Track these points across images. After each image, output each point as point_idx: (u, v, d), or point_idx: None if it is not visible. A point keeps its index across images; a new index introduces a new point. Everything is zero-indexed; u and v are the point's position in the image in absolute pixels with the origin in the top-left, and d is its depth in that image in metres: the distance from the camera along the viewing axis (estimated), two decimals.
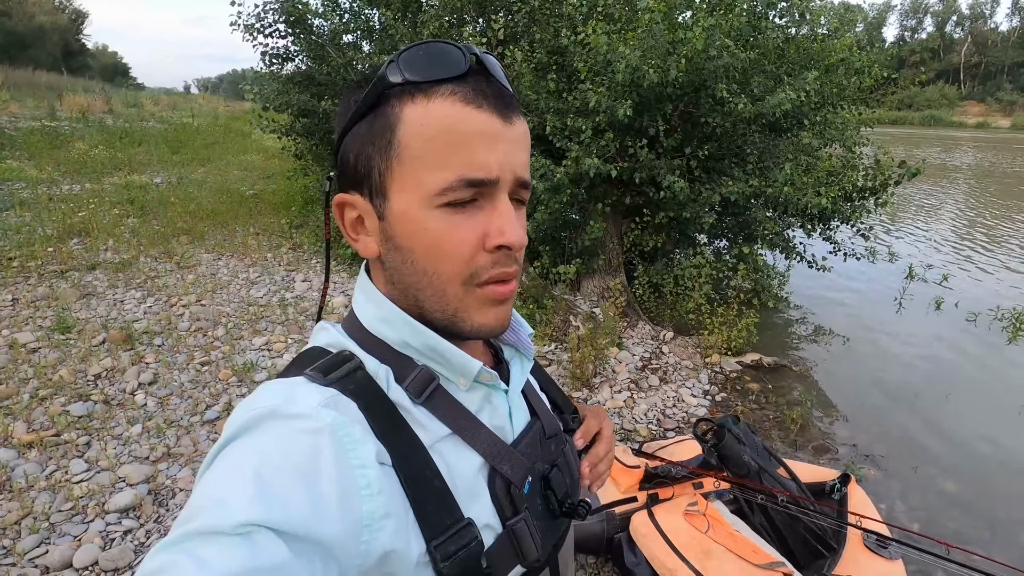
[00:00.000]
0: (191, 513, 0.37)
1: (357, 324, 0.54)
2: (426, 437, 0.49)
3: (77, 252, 5.05)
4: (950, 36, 68.35)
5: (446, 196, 0.46)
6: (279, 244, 5.85)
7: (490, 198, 0.48)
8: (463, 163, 0.46)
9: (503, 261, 0.49)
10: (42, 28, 36.30)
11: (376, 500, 0.42)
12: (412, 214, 0.48)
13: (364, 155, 0.49)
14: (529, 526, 0.52)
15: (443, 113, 0.46)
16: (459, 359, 0.52)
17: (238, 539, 0.35)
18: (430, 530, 0.45)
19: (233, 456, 0.41)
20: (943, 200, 11.98)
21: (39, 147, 9.75)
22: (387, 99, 0.48)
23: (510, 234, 0.48)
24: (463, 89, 0.47)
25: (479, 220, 0.48)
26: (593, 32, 3.72)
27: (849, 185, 4.44)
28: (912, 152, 20.35)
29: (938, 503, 2.71)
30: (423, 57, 0.47)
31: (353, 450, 0.43)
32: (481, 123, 0.47)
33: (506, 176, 0.48)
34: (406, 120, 0.47)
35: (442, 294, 0.49)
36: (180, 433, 2.73)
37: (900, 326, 4.98)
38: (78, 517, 2.18)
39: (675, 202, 4.03)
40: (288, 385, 0.47)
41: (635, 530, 1.97)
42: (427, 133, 0.46)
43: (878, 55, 5.46)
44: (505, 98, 0.49)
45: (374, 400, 0.47)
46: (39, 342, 3.45)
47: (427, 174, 0.46)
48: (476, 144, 0.46)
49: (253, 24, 5.71)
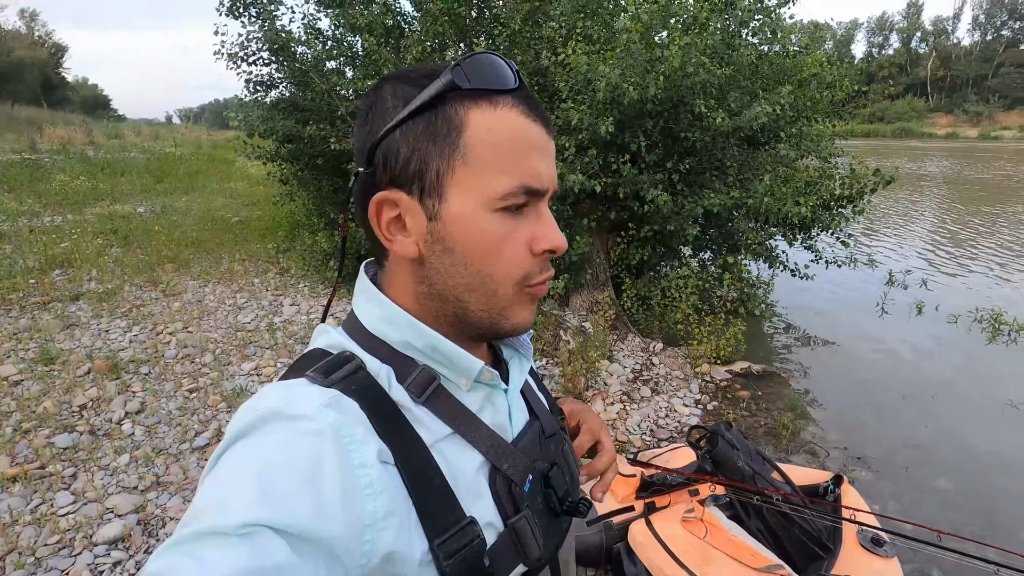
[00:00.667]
0: (194, 514, 0.37)
1: (358, 325, 0.54)
2: (427, 436, 0.49)
3: (60, 283, 4.98)
4: (916, 51, 70.85)
5: (506, 201, 0.49)
6: (266, 269, 5.83)
7: (535, 206, 0.51)
8: (524, 171, 0.49)
9: (547, 265, 0.53)
10: (21, 62, 36.24)
11: (378, 500, 0.43)
12: (471, 216, 0.49)
13: (421, 153, 0.49)
14: (531, 524, 0.52)
15: (509, 122, 0.49)
16: (461, 359, 0.52)
17: (240, 539, 0.35)
18: (433, 529, 0.46)
19: (236, 458, 0.41)
20: (919, 208, 12.30)
21: (19, 180, 9.67)
22: (449, 101, 0.49)
23: (556, 239, 0.51)
24: (521, 102, 0.50)
25: (527, 226, 0.51)
26: (573, 53, 3.81)
27: (827, 194, 4.56)
28: (885, 162, 20.90)
29: (931, 501, 2.75)
30: (488, 67, 0.49)
31: (355, 450, 0.43)
32: (537, 135, 0.50)
33: (552, 187, 0.52)
34: (473, 124, 0.48)
35: (493, 294, 0.51)
36: (169, 461, 2.68)
37: (884, 331, 5.07)
38: (65, 551, 2.12)
39: (659, 215, 4.10)
40: (290, 387, 0.47)
41: (634, 539, 1.97)
42: (495, 139, 0.48)
43: (848, 70, 5.66)
44: (546, 115, 0.53)
45: (376, 400, 0.48)
46: (21, 374, 3.38)
47: (492, 178, 0.48)
48: (534, 155, 0.50)
49: (237, 53, 5.77)
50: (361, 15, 5.28)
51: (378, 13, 5.36)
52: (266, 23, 5.47)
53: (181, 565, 0.34)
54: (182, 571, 0.34)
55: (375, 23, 5.32)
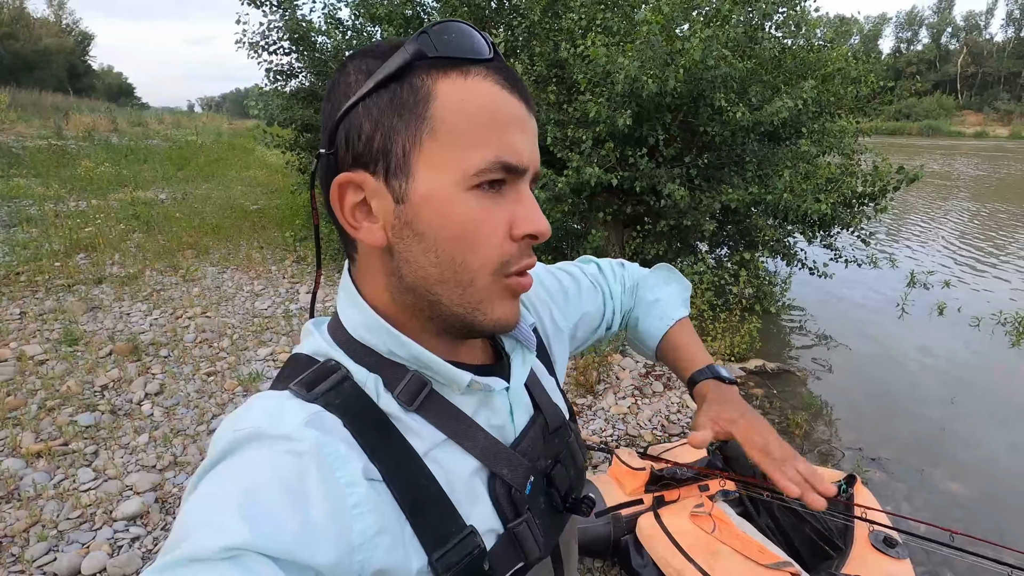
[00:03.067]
0: (177, 538, 0.36)
1: (342, 330, 0.51)
2: (420, 445, 0.47)
3: (84, 266, 5.10)
4: (946, 47, 69.03)
5: (482, 176, 0.44)
6: (283, 257, 5.89)
7: (515, 186, 0.46)
8: (502, 144, 0.44)
9: (528, 252, 0.48)
10: (48, 50, 36.91)
11: (367, 519, 0.41)
12: (442, 195, 0.44)
13: (385, 128, 0.44)
14: (531, 527, 0.51)
15: (483, 91, 0.45)
16: (446, 371, 0.49)
17: (225, 564, 0.34)
18: (431, 542, 0.44)
19: (218, 479, 0.40)
20: (943, 208, 12.02)
21: (46, 165, 9.88)
22: (414, 71, 0.44)
23: (539, 222, 0.46)
24: (497, 73, 0.46)
25: (506, 207, 0.46)
26: (592, 45, 3.79)
27: (848, 191, 4.48)
28: (911, 160, 20.47)
29: (944, 504, 2.71)
30: (458, 35, 0.45)
31: (339, 469, 0.41)
32: (514, 107, 0.46)
33: (532, 165, 0.47)
34: (443, 94, 0.44)
35: (468, 284, 0.46)
36: (187, 442, 2.74)
37: (903, 331, 4.98)
38: (86, 525, 2.18)
39: (676, 210, 4.07)
40: (272, 401, 0.45)
41: (641, 532, 1.97)
42: (468, 109, 0.44)
43: (874, 65, 5.54)
44: (525, 89, 0.48)
45: (362, 413, 0.45)
46: (46, 354, 3.47)
47: (465, 152, 0.44)
48: (513, 128, 0.45)
49: (258, 42, 5.83)
50: (381, 5, 5.30)
51: (398, 3, 5.38)
52: (287, 12, 5.51)
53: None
54: None
55: (395, 13, 5.33)
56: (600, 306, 0.79)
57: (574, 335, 0.76)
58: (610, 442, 2.97)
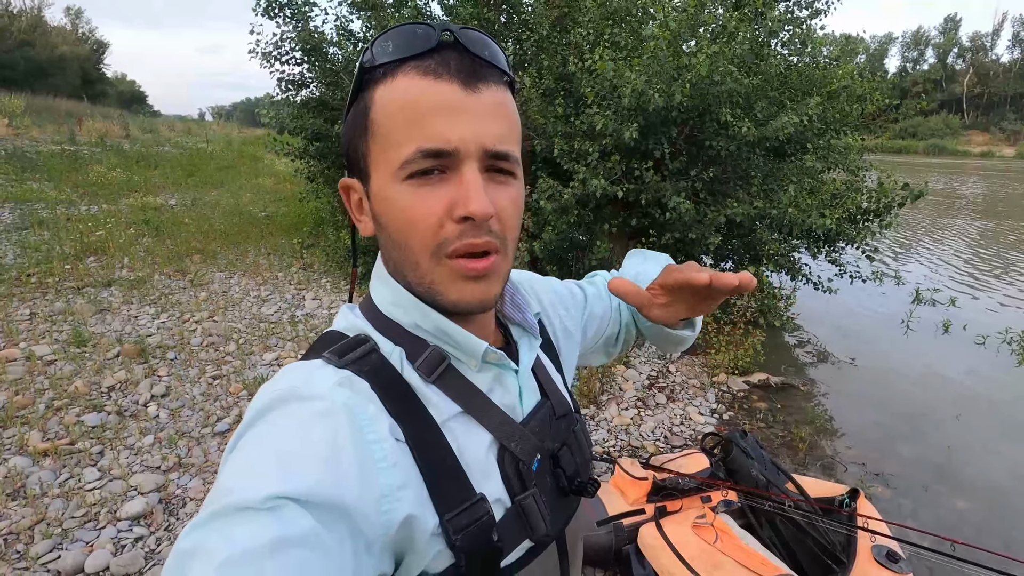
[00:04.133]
0: (219, 493, 0.38)
1: (373, 307, 0.56)
2: (438, 415, 0.50)
3: (93, 269, 5.15)
4: (952, 67, 69.19)
5: (407, 168, 0.47)
6: (290, 264, 5.94)
7: (456, 170, 0.48)
8: (421, 135, 0.46)
9: (469, 232, 0.48)
10: (63, 57, 37.51)
11: (392, 472, 0.44)
12: (384, 191, 0.49)
13: (352, 140, 0.52)
14: (537, 502, 0.53)
15: (403, 88, 0.47)
16: (465, 340, 0.53)
17: (265, 513, 0.36)
18: (443, 504, 0.47)
19: (256, 437, 0.43)
20: (949, 225, 12.01)
21: (59, 170, 10.01)
22: (366, 85, 0.50)
23: (474, 203, 0.46)
24: (424, 63, 0.47)
25: (445, 191, 0.48)
26: (600, 59, 3.84)
27: (853, 207, 4.49)
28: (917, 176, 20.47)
29: (949, 520, 2.69)
30: (391, 39, 0.49)
31: (368, 425, 0.45)
32: (440, 94, 0.47)
33: (469, 147, 0.47)
34: (376, 101, 0.49)
35: (415, 266, 0.50)
36: (191, 444, 2.76)
37: (908, 348, 4.97)
38: (90, 524, 2.20)
39: (681, 223, 4.09)
40: (306, 367, 0.49)
41: (643, 542, 1.97)
42: (390, 109, 0.48)
43: (879, 83, 5.58)
44: (474, 68, 0.48)
45: (388, 380, 0.49)
46: (55, 355, 3.51)
47: (391, 150, 0.48)
48: (435, 115, 0.46)
49: (271, 52, 5.92)
50: (393, 18, 5.38)
51: (409, 16, 5.46)
52: (300, 24, 5.60)
53: (210, 541, 0.35)
54: (212, 547, 0.35)
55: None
56: (607, 308, 0.83)
57: (585, 335, 0.79)
58: (612, 452, 2.97)
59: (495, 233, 0.49)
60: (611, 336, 0.83)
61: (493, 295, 0.52)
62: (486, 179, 0.49)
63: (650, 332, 0.81)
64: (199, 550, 0.35)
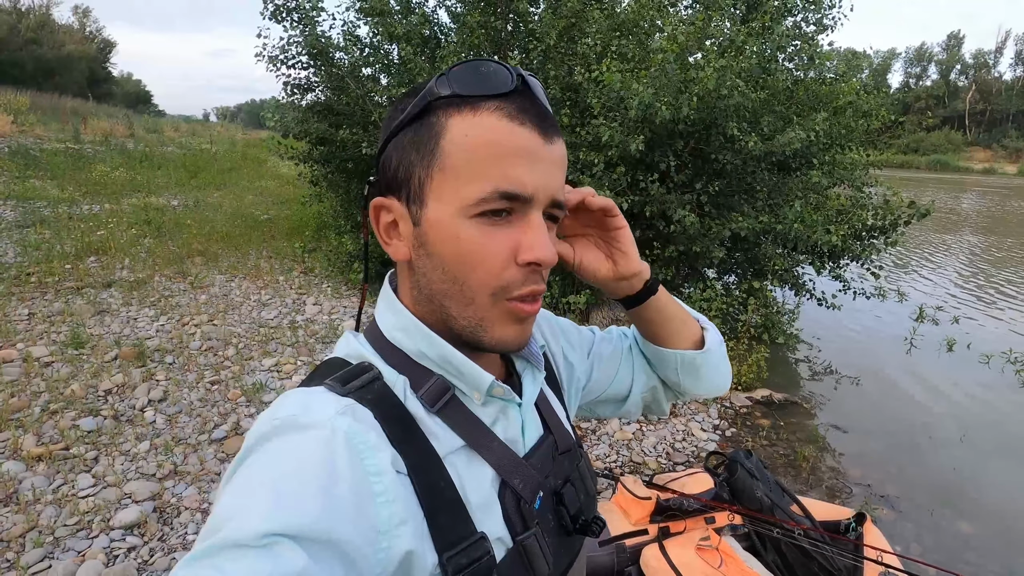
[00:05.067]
0: (214, 526, 0.38)
1: (378, 333, 0.55)
2: (440, 448, 0.49)
3: (94, 270, 5.13)
4: (955, 84, 69.51)
5: (481, 206, 0.47)
6: (291, 268, 5.92)
7: (523, 214, 0.49)
8: (501, 176, 0.47)
9: (533, 278, 0.50)
10: (70, 56, 37.68)
11: (392, 507, 0.43)
12: (447, 222, 0.48)
13: (406, 161, 0.50)
14: (540, 542, 0.51)
15: (488, 126, 0.47)
16: (472, 372, 0.52)
17: (259, 551, 0.36)
18: (442, 541, 0.45)
19: (252, 468, 0.42)
20: (952, 242, 12.00)
21: (62, 168, 10.02)
22: (433, 110, 0.49)
23: (540, 250, 0.48)
24: (508, 105, 0.48)
25: (511, 235, 0.49)
26: (607, 70, 3.83)
27: (859, 223, 4.48)
28: (920, 194, 20.54)
29: (954, 545, 2.64)
30: (472, 73, 0.48)
31: (369, 457, 0.43)
32: (523, 139, 0.48)
33: (540, 195, 0.49)
34: (451, 130, 0.48)
35: (469, 303, 0.50)
36: (188, 451, 2.72)
37: (912, 367, 4.93)
38: (83, 532, 2.16)
39: (685, 236, 4.07)
40: (307, 395, 0.48)
41: (646, 564, 1.93)
42: (470, 144, 0.47)
43: (884, 99, 5.58)
44: (547, 118, 0.50)
45: (390, 409, 0.48)
46: (52, 356, 3.48)
47: (466, 184, 0.47)
48: (516, 159, 0.47)
49: (277, 56, 5.92)
50: (400, 24, 5.39)
51: (416, 23, 5.47)
52: (307, 28, 5.61)
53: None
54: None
55: (413, 33, 5.42)
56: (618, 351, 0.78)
57: (590, 375, 0.76)
58: (614, 469, 2.93)
59: (544, 278, 0.52)
60: (622, 385, 0.77)
61: (529, 335, 0.54)
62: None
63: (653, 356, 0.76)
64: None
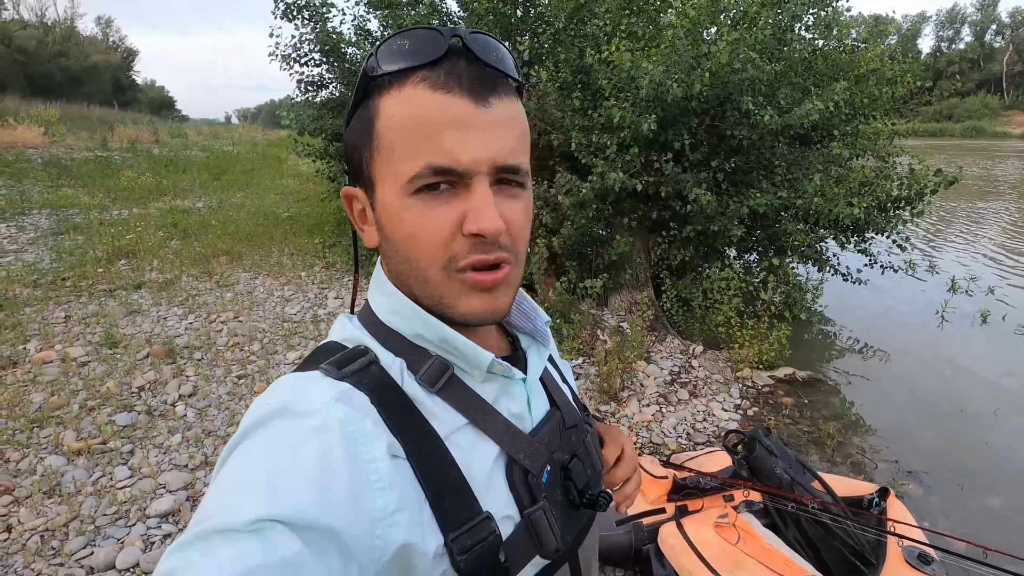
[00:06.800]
0: (206, 512, 0.38)
1: (372, 317, 0.55)
2: (442, 428, 0.48)
3: (124, 272, 5.31)
4: (990, 45, 66.31)
5: (415, 183, 0.46)
6: (312, 264, 6.02)
7: (466, 184, 0.47)
8: (430, 151, 0.45)
9: (480, 248, 0.47)
10: (96, 66, 38.67)
11: (388, 494, 0.42)
12: (391, 203, 0.48)
13: (355, 149, 0.51)
14: (548, 516, 0.51)
15: (414, 101, 0.46)
16: (470, 350, 0.51)
17: (251, 535, 0.35)
18: (447, 524, 0.45)
19: (245, 453, 0.42)
20: (987, 211, 11.54)
21: (92, 176, 10.33)
22: (371, 92, 0.49)
23: (485, 221, 0.46)
24: (434, 74, 0.46)
25: (455, 205, 0.47)
26: (617, 50, 3.77)
27: (883, 195, 4.34)
28: (953, 162, 19.75)
29: (983, 520, 2.58)
30: (397, 46, 0.47)
31: (364, 444, 0.43)
32: (453, 108, 0.45)
33: (479, 165, 0.46)
34: (382, 111, 0.47)
35: (424, 281, 0.49)
36: (217, 443, 2.82)
37: (943, 340, 4.79)
38: (121, 521, 2.27)
39: (702, 215, 4.01)
40: (302, 380, 0.47)
41: (664, 542, 1.94)
42: (397, 123, 0.46)
43: (911, 64, 5.37)
44: (485, 79, 0.47)
45: (388, 393, 0.47)
46: (88, 356, 3.62)
47: (399, 164, 0.47)
48: (446, 131, 0.45)
49: (290, 54, 5.99)
50: (408, 16, 5.39)
51: (425, 13, 5.46)
52: (318, 25, 5.66)
53: (194, 562, 0.34)
54: (195, 568, 0.34)
55: (421, 23, 5.41)
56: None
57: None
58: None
59: (506, 246, 0.49)
60: None
61: (504, 306, 0.51)
62: (496, 191, 0.48)
63: None
64: (181, 572, 0.34)
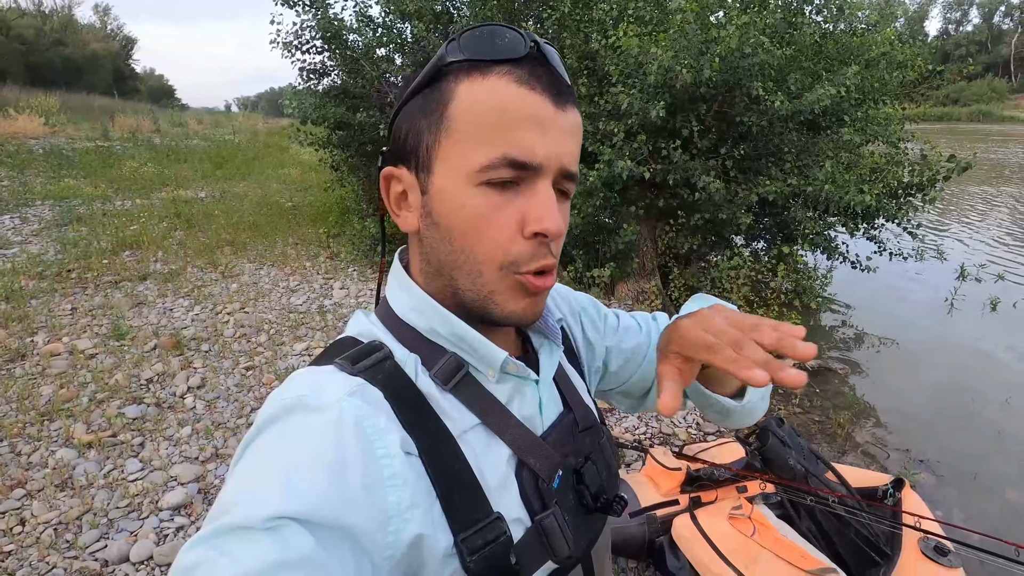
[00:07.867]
0: (222, 508, 0.38)
1: (389, 312, 0.54)
2: (454, 427, 0.48)
3: (129, 263, 5.29)
4: (998, 28, 65.34)
5: (487, 173, 0.46)
6: (317, 254, 6.00)
7: (531, 183, 0.47)
8: (509, 142, 0.45)
9: (541, 252, 0.48)
10: (95, 55, 38.44)
11: (402, 491, 0.42)
12: (452, 190, 0.47)
13: (415, 128, 0.49)
14: (559, 521, 0.50)
15: (497, 91, 0.46)
16: (486, 349, 0.51)
17: (267, 533, 0.36)
18: (458, 523, 0.45)
19: (261, 450, 0.42)
20: (996, 197, 11.43)
21: (94, 166, 10.29)
22: (444, 76, 0.48)
23: (548, 221, 0.46)
24: (518, 70, 0.47)
25: (518, 205, 0.47)
26: (624, 35, 3.71)
27: (894, 182, 4.29)
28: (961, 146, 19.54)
29: (999, 511, 2.57)
30: (483, 37, 0.47)
31: (378, 440, 0.43)
32: (533, 106, 0.46)
33: (551, 164, 0.47)
34: (459, 96, 0.47)
35: (477, 275, 0.49)
36: (227, 435, 2.82)
37: (953, 328, 4.76)
38: (134, 514, 2.27)
39: (711, 203, 3.97)
40: (317, 374, 0.47)
41: (677, 534, 1.93)
42: (478, 109, 0.46)
43: (920, 48, 5.27)
44: (560, 86, 0.48)
45: (402, 389, 0.47)
46: (96, 348, 3.62)
47: (472, 150, 0.46)
48: (525, 126, 0.46)
49: (291, 41, 5.92)
50: (411, 1, 5.31)
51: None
52: (319, 11, 5.58)
53: (211, 560, 0.35)
54: (212, 566, 0.34)
55: (424, 9, 5.34)
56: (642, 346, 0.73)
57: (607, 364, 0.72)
58: (643, 440, 2.93)
59: (554, 251, 0.49)
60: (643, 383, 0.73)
61: (542, 310, 0.52)
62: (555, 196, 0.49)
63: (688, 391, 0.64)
64: (198, 569, 0.35)
